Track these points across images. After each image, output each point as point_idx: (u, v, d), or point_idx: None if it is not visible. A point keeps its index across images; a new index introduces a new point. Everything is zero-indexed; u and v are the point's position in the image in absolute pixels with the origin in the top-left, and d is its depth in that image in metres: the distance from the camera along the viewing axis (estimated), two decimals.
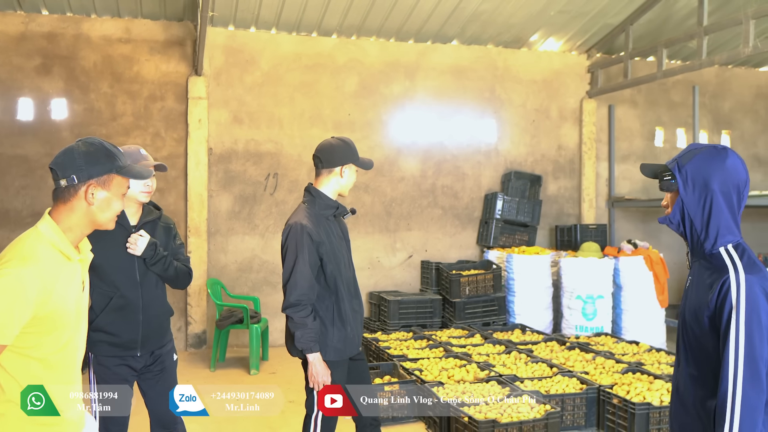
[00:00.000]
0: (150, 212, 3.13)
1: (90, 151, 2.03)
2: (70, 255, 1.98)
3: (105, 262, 2.94)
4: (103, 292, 2.99)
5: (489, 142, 8.45)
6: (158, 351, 3.13)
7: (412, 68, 8.14)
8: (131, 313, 3.01)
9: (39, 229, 1.98)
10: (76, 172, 1.99)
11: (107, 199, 2.04)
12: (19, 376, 1.91)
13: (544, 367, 5.46)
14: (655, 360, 5.79)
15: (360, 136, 7.93)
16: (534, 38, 8.38)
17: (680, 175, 1.98)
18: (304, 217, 3.14)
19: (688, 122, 8.97)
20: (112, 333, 2.98)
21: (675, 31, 8.04)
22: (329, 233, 3.19)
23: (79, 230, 2.04)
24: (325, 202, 3.21)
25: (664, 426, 4.51)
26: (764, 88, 9.66)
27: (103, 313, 2.98)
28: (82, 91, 7.11)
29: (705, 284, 1.92)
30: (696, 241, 1.99)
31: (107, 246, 2.93)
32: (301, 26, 7.63)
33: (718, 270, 1.89)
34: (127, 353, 3.02)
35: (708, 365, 1.91)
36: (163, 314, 3.17)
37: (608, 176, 8.91)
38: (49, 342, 1.93)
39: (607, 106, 8.88)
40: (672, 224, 2.04)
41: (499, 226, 8.15)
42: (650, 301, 7.31)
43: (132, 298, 3.01)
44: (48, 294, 1.88)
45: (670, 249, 8.82)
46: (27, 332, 1.87)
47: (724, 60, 6.86)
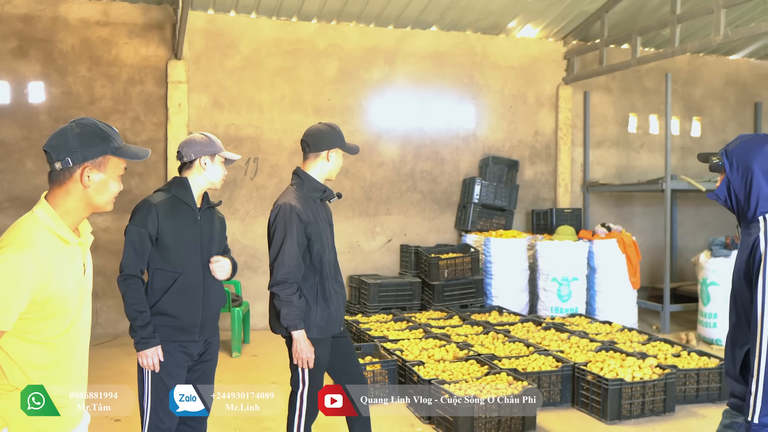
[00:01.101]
0: (210, 201, 3.18)
1: (84, 133, 1.96)
2: (67, 239, 1.95)
3: (174, 241, 2.95)
4: (167, 273, 2.97)
5: (467, 127, 8.56)
6: (211, 339, 3.13)
7: (392, 54, 8.20)
8: (194, 294, 3.00)
9: (35, 213, 1.94)
10: (71, 155, 1.93)
11: (103, 181, 1.99)
12: (22, 361, 1.90)
13: (521, 347, 5.62)
14: (627, 339, 6.00)
15: (340, 121, 7.98)
16: (512, 25, 8.49)
17: (727, 159, 2.36)
18: (293, 198, 3.22)
19: (661, 109, 9.18)
20: (174, 315, 2.95)
21: (649, 19, 8.21)
22: (316, 215, 3.27)
23: (77, 213, 1.99)
24: (313, 185, 3.29)
25: (636, 400, 4.70)
26: (734, 75, 9.91)
27: (167, 295, 2.96)
28: (60, 75, 7.05)
29: (744, 246, 2.27)
30: (741, 212, 2.35)
31: (178, 226, 2.97)
32: (281, 11, 7.64)
33: (754, 233, 2.25)
34: (187, 338, 2.99)
35: (745, 316, 2.25)
36: (221, 300, 3.17)
37: (583, 161, 9.09)
38: (51, 326, 1.92)
39: (583, 93, 9.04)
40: (720, 199, 2.39)
41: (477, 211, 8.30)
42: (623, 283, 7.52)
43: (195, 279, 3.01)
44: (46, 279, 1.86)
45: (642, 232, 9.07)
46: (27, 317, 1.86)
47: (696, 48, 7.05)
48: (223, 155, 3.12)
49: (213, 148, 3.08)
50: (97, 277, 7.07)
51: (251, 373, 5.93)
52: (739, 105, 9.96)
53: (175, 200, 3.02)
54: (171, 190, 3.05)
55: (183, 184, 3.05)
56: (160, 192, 3.07)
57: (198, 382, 3.03)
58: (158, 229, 2.95)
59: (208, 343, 3.12)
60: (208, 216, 3.13)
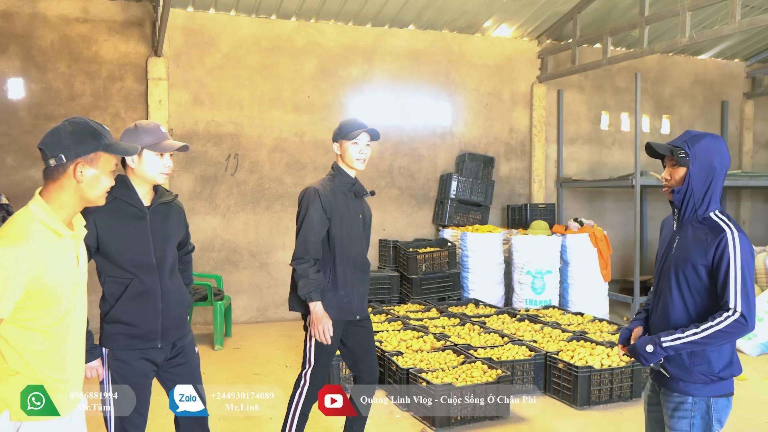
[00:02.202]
0: (164, 194, 2.90)
1: (76, 131, 2.08)
2: (60, 232, 2.06)
3: (119, 247, 2.72)
4: (118, 280, 2.75)
5: (444, 124, 8.74)
6: (179, 342, 2.90)
7: (370, 52, 8.34)
8: (150, 300, 2.77)
9: (30, 208, 2.05)
10: (64, 151, 2.05)
11: (95, 176, 2.11)
12: (22, 348, 2.02)
13: (496, 337, 5.82)
14: (598, 329, 6.23)
15: (319, 118, 8.12)
16: (487, 24, 8.68)
17: (691, 154, 2.48)
18: (320, 184, 3.44)
19: (632, 107, 9.46)
20: (129, 324, 2.74)
21: (619, 20, 8.46)
22: (346, 205, 3.44)
23: (70, 207, 2.10)
24: (344, 178, 3.47)
25: (604, 387, 4.93)
26: (701, 75, 10.23)
27: (119, 302, 2.74)
28: (40, 71, 7.08)
29: (700, 240, 2.47)
30: (691, 208, 2.51)
31: (122, 230, 2.74)
32: (260, 9, 7.73)
33: (714, 229, 2.45)
34: (146, 345, 2.78)
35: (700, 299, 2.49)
36: (183, 302, 2.94)
37: (557, 158, 9.33)
38: (47, 314, 2.04)
39: (556, 91, 9.28)
40: (678, 195, 2.53)
41: (454, 206, 8.49)
42: (595, 276, 7.77)
43: (150, 283, 2.77)
44: (40, 270, 1.97)
45: (613, 227, 9.35)
46: (23, 306, 1.98)
47: (664, 48, 7.30)
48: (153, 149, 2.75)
49: (137, 141, 2.73)
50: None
51: (234, 365, 6.05)
52: (707, 103, 10.29)
53: (118, 202, 2.74)
54: (112, 192, 2.68)
55: (123, 184, 2.76)
56: None
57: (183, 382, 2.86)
58: (97, 238, 2.69)
59: (179, 347, 2.90)
60: (162, 212, 2.86)
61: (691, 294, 2.51)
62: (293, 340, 6.94)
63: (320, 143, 8.11)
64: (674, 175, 2.55)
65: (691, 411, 2.49)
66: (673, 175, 2.55)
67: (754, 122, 10.68)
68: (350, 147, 3.43)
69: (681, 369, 2.49)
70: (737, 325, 2.36)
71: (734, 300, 2.37)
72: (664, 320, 2.57)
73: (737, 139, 10.59)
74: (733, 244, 2.40)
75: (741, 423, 4.52)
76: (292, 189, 8.02)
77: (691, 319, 2.51)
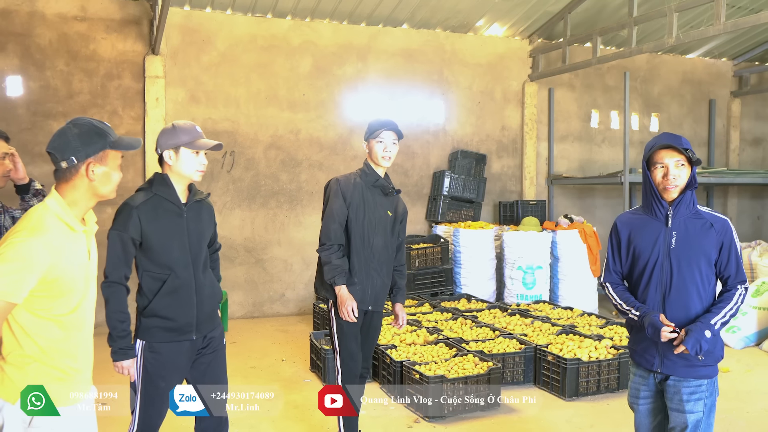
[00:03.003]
0: (198, 192, 3.04)
1: (83, 132, 2.18)
2: (74, 226, 2.19)
3: (160, 243, 2.85)
4: (155, 275, 2.88)
5: (437, 122, 8.88)
6: (210, 334, 3.04)
7: (364, 50, 8.46)
8: (186, 295, 2.90)
9: (47, 203, 2.18)
10: (74, 153, 2.15)
11: (106, 173, 2.22)
12: (37, 335, 2.15)
13: (488, 331, 5.97)
14: (587, 323, 6.39)
15: (314, 115, 8.23)
16: (480, 23, 8.81)
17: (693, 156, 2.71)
18: (344, 176, 3.64)
19: (621, 105, 9.61)
20: (166, 317, 2.87)
21: (608, 20, 8.61)
22: (371, 198, 3.59)
23: (83, 204, 2.22)
24: (370, 173, 3.62)
25: (592, 378, 5.09)
26: (689, 74, 10.41)
27: (157, 297, 2.86)
28: (38, 69, 7.16)
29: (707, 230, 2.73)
30: (685, 205, 2.74)
31: (162, 227, 2.86)
32: (256, 8, 7.83)
33: (716, 219, 2.75)
34: (182, 338, 2.91)
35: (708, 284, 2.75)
36: (215, 295, 3.08)
37: (548, 155, 9.49)
38: (61, 304, 2.17)
39: (547, 89, 9.42)
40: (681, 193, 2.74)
41: (447, 202, 8.63)
42: (584, 271, 7.93)
43: (186, 279, 2.90)
44: (55, 260, 2.10)
45: (602, 223, 9.51)
46: (39, 295, 2.11)
47: (652, 48, 7.46)
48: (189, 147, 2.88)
49: (175, 139, 2.88)
50: None
51: (230, 359, 6.09)
52: (695, 102, 10.47)
53: (157, 199, 2.88)
54: (152, 188, 2.90)
55: (163, 181, 2.90)
56: (141, 192, 2.92)
57: (207, 376, 3.01)
58: (141, 232, 2.82)
59: (209, 338, 3.03)
60: (196, 210, 3.00)
61: (702, 283, 2.74)
62: (289, 335, 7.07)
63: (315, 141, 8.22)
64: (682, 175, 2.73)
65: (705, 392, 2.73)
66: (681, 175, 2.73)
67: (741, 120, 10.87)
68: (375, 145, 3.56)
69: (707, 355, 2.71)
70: (746, 293, 2.76)
71: (743, 274, 2.76)
72: (685, 314, 2.75)
73: (724, 137, 10.78)
74: (734, 231, 2.76)
75: (725, 413, 4.68)
76: (288, 186, 8.14)
77: (703, 306, 2.74)
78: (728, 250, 2.73)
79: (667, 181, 2.72)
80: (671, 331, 2.68)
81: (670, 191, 2.74)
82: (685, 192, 2.74)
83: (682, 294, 2.74)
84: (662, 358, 2.77)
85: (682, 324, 2.73)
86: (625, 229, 2.90)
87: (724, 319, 2.69)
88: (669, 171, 2.72)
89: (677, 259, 2.74)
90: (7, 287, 2.02)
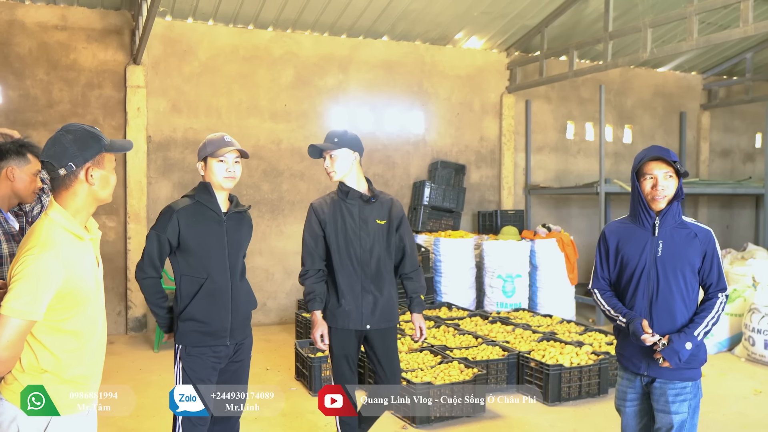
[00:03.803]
0: (239, 204, 3.19)
1: (78, 138, 2.17)
2: (81, 235, 2.18)
3: (198, 247, 2.98)
4: (193, 278, 3.00)
5: (417, 133, 8.99)
6: (241, 342, 3.15)
7: (345, 62, 8.54)
8: (222, 299, 3.03)
9: (50, 215, 2.15)
10: (72, 159, 2.14)
11: (104, 176, 2.22)
12: (55, 347, 2.15)
13: (470, 338, 6.06)
14: (566, 330, 6.52)
15: (296, 126, 8.28)
16: (459, 36, 8.97)
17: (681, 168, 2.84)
18: (320, 198, 3.61)
19: (596, 117, 9.84)
20: (203, 321, 2.99)
21: (584, 35, 8.83)
22: (343, 214, 3.50)
23: (85, 211, 2.21)
24: (340, 188, 3.55)
25: (574, 384, 5.20)
26: (661, 87, 10.70)
27: (194, 300, 2.99)
28: (17, 78, 7.09)
29: (692, 240, 2.85)
30: (677, 214, 2.87)
31: (202, 232, 3.00)
32: (238, 18, 7.87)
33: (700, 230, 2.87)
34: (217, 342, 3.02)
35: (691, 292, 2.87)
36: (250, 303, 3.19)
37: (525, 166, 9.66)
38: (77, 314, 2.17)
39: (525, 101, 9.61)
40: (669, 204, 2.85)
41: (427, 212, 8.73)
42: (562, 279, 8.09)
43: (222, 284, 3.03)
44: (69, 272, 2.10)
45: (579, 232, 9.71)
46: (55, 308, 2.11)
47: (626, 62, 7.68)
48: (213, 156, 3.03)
49: (203, 151, 3.09)
50: None
51: None
52: (666, 114, 10.76)
53: (199, 206, 3.03)
54: (195, 195, 3.07)
55: (205, 189, 3.06)
56: (186, 197, 3.09)
57: (230, 381, 3.10)
58: (179, 235, 2.97)
59: (240, 344, 3.14)
60: (236, 220, 3.14)
61: (687, 290, 2.86)
62: (272, 344, 7.08)
63: (296, 150, 8.27)
64: (670, 186, 2.85)
65: (690, 394, 2.84)
66: (670, 186, 2.85)
67: (711, 132, 11.21)
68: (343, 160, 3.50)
69: (692, 357, 2.81)
70: (726, 301, 2.89)
71: (724, 282, 2.88)
72: (670, 320, 2.86)
73: (695, 149, 11.09)
74: (715, 239, 2.89)
75: (702, 416, 4.75)
76: (269, 195, 8.16)
77: (688, 311, 2.86)
78: (711, 259, 2.85)
79: (656, 191, 2.83)
80: (652, 335, 2.80)
81: (659, 201, 2.85)
82: (672, 203, 2.85)
83: (668, 300, 2.85)
84: (648, 362, 2.88)
85: (668, 329, 2.84)
86: (614, 238, 3.00)
87: (706, 329, 2.82)
88: (658, 182, 2.83)
89: (663, 267, 2.85)
90: (27, 306, 2.02)
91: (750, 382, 5.76)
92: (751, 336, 6.37)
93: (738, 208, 11.49)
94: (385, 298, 3.54)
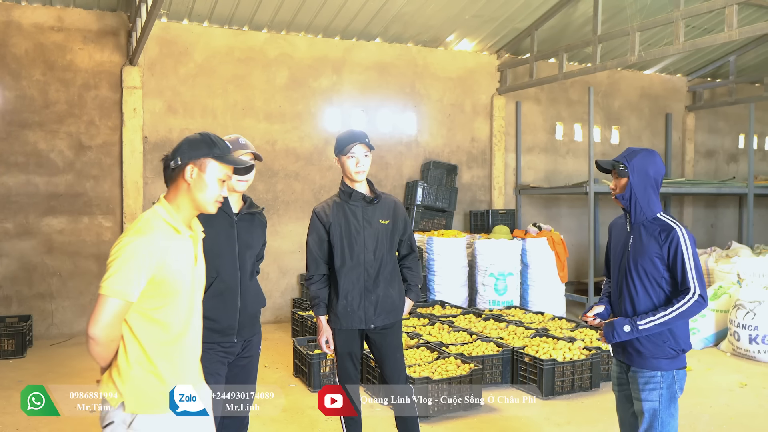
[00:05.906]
0: (253, 205, 3.23)
1: (195, 139, 2.35)
2: (179, 228, 2.29)
3: (209, 248, 2.93)
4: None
5: (410, 133, 9.12)
6: (250, 338, 3.20)
7: (339, 63, 8.65)
8: (230, 298, 3.09)
9: (155, 207, 2.32)
10: (181, 155, 2.30)
11: (201, 178, 2.31)
12: (143, 337, 2.23)
13: (465, 335, 6.19)
14: (558, 326, 6.67)
15: (290, 126, 8.38)
16: (450, 39, 9.11)
17: (629, 167, 2.96)
18: (323, 202, 3.64)
19: (584, 118, 10.03)
20: (211, 318, 3.02)
21: (573, 38, 9.01)
22: (347, 216, 3.54)
23: (186, 209, 2.33)
24: (345, 190, 3.57)
25: (567, 378, 5.34)
26: (648, 89, 10.92)
27: (204, 299, 2.92)
28: (14, 78, 7.13)
29: (654, 236, 2.94)
30: (639, 211, 2.97)
31: (212, 233, 3.00)
32: (233, 20, 7.95)
33: (665, 227, 2.94)
34: (225, 339, 3.08)
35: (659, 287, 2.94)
36: (258, 302, 3.24)
37: (515, 166, 9.82)
38: (169, 307, 2.25)
39: (515, 103, 9.77)
40: (624, 200, 2.99)
41: (420, 212, 8.86)
42: (552, 277, 8.25)
43: (231, 283, 3.09)
44: (162, 260, 2.20)
45: (569, 231, 9.88)
46: (149, 295, 2.19)
47: (615, 65, 7.86)
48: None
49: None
50: (52, 277, 7.19)
51: None
52: (653, 115, 10.98)
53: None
54: None
55: None
56: None
57: (238, 377, 3.15)
58: None
59: (248, 341, 3.19)
60: (248, 221, 3.18)
61: (651, 283, 2.96)
62: (268, 342, 7.16)
63: (291, 151, 8.36)
64: (618, 184, 3.05)
65: (660, 383, 2.93)
66: (618, 184, 3.05)
67: (695, 133, 11.44)
68: (347, 161, 3.48)
69: (655, 346, 2.93)
70: (697, 304, 2.87)
71: (693, 284, 2.87)
72: (632, 309, 3.00)
73: (680, 149, 11.32)
74: (683, 239, 2.90)
75: (687, 409, 4.99)
76: (264, 195, 8.24)
77: (655, 306, 2.95)
78: (674, 256, 2.91)
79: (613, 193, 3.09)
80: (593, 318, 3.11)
81: (614, 199, 3.09)
82: (632, 199, 3.00)
83: (632, 291, 3.01)
84: (622, 349, 3.05)
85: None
86: (611, 231, 3.25)
87: (656, 321, 2.88)
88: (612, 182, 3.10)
89: (631, 260, 3.01)
90: (123, 286, 2.13)
91: (735, 376, 5.95)
92: (736, 331, 6.56)
93: (722, 207, 11.74)
94: (389, 297, 3.58)
